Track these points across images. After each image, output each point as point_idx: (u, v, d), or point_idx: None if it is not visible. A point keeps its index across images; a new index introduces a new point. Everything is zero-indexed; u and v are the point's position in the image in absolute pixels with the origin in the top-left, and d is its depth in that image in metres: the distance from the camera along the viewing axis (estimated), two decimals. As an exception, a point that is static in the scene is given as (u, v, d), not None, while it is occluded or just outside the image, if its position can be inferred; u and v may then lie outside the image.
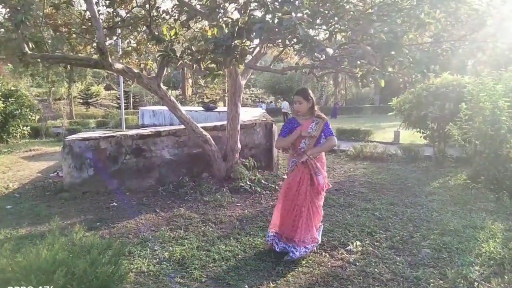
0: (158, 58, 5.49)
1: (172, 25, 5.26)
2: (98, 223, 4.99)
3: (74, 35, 7.60)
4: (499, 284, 3.26)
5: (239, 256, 3.98)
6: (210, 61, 3.55)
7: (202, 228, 4.80)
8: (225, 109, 13.69)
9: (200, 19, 6.51)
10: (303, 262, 3.84)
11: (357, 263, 3.80)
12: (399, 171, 8.36)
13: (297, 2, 2.67)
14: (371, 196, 6.31)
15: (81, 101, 40.73)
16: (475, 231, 4.56)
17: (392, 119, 23.35)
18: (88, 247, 2.67)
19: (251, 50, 3.65)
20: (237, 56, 3.39)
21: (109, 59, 5.12)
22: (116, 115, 32.65)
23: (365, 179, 7.58)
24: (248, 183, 6.48)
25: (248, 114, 9.46)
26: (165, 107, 15.45)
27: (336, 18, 3.07)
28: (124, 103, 43.49)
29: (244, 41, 3.45)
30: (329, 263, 3.84)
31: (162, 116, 11.98)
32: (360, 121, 24.98)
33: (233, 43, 3.24)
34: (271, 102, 45.99)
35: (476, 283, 3.17)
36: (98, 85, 42.22)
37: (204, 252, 4.05)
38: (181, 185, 6.37)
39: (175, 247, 4.18)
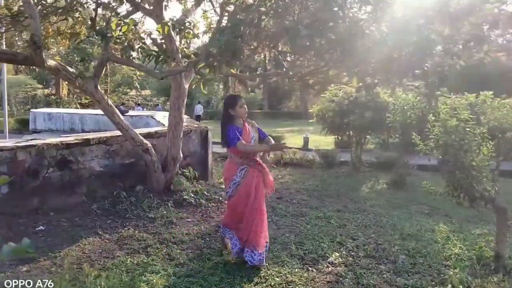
0: (101, 55, 4.75)
1: (121, 21, 4.57)
2: (32, 253, 4.06)
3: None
4: (480, 284, 3.52)
5: (226, 279, 3.61)
6: (203, 65, 3.13)
7: (165, 250, 4.26)
8: (138, 113, 12.74)
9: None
10: (296, 279, 3.65)
11: (348, 276, 3.75)
12: (324, 176, 8.67)
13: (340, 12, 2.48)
14: (315, 203, 6.38)
15: None
16: (430, 234, 4.90)
17: (286, 124, 24.49)
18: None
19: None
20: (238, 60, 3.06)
21: (43, 54, 4.24)
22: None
23: (299, 186, 7.66)
24: (192, 195, 6.01)
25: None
26: (64, 110, 13.75)
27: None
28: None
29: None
30: (321, 278, 3.72)
31: (60, 120, 10.55)
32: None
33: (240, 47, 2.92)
34: (157, 105, 43.94)
35: (473, 286, 3.35)
36: None
37: (187, 279, 3.57)
38: (117, 200, 5.60)
39: (148, 276, 3.61)
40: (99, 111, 13.33)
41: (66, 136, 6.00)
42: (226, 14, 5.11)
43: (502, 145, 7.10)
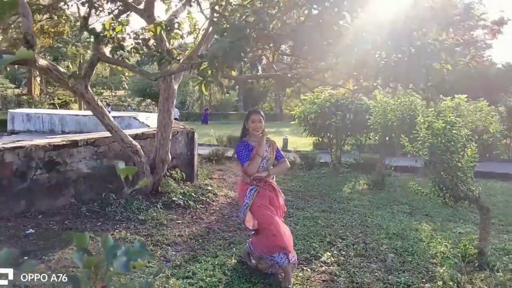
0: (91, 56, 4.71)
1: (114, 21, 4.55)
2: (25, 257, 4.00)
3: None
4: (468, 281, 3.71)
5: (224, 280, 3.67)
6: (206, 67, 3.18)
7: (159, 252, 4.28)
8: (123, 114, 12.56)
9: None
10: (293, 279, 3.74)
11: (342, 275, 3.87)
12: (306, 177, 8.81)
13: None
14: (300, 204, 6.51)
15: None
16: (414, 233, 5.10)
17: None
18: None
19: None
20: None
21: (35, 53, 4.18)
22: None
23: (282, 187, 7.75)
24: (181, 197, 6.02)
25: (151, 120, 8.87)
26: (43, 111, 13.40)
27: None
28: None
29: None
30: (317, 277, 3.83)
31: (39, 121, 10.29)
32: (233, 127, 25.43)
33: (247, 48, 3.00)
34: (128, 105, 42.87)
35: (462, 282, 3.54)
36: None
37: (185, 280, 3.61)
38: (106, 203, 5.54)
39: (144, 277, 3.62)
40: (80, 112, 13.14)
41: (53, 137, 5.90)
42: (216, 15, 5.15)
43: (478, 147, 7.45)
